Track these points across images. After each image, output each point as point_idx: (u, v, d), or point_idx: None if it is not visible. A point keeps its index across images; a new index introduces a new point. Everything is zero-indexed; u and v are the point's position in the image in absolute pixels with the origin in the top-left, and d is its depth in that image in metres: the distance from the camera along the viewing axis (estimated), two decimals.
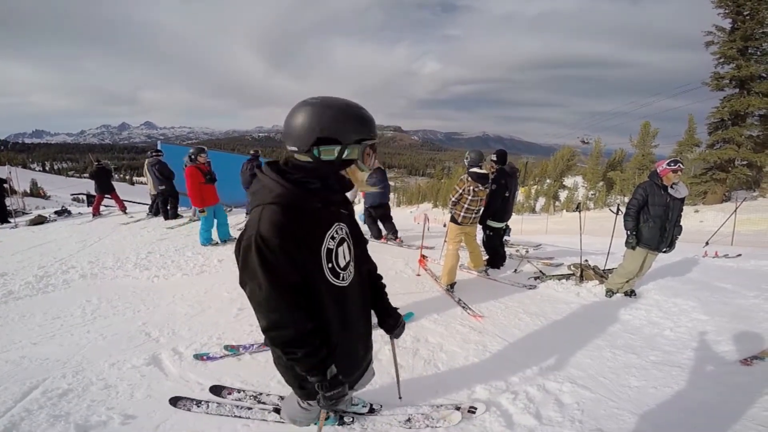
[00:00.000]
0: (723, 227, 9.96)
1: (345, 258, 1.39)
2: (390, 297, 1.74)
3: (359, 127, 1.24)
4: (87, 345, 3.02)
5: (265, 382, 2.49)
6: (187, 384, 2.47)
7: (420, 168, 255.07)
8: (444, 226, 6.23)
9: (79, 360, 2.77)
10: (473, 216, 4.31)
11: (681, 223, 3.90)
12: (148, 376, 2.56)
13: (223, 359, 2.78)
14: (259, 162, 7.77)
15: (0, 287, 4.34)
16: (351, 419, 2.09)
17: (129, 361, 2.71)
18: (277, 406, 2.17)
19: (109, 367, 2.65)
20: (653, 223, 3.80)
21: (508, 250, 5.68)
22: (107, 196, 9.23)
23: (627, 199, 5.09)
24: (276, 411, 2.12)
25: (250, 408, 2.19)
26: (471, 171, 4.16)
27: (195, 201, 6.03)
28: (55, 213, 9.42)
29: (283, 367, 1.45)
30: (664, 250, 3.93)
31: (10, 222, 8.49)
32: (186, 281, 4.64)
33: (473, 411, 2.18)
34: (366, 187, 1.42)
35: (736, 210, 10.25)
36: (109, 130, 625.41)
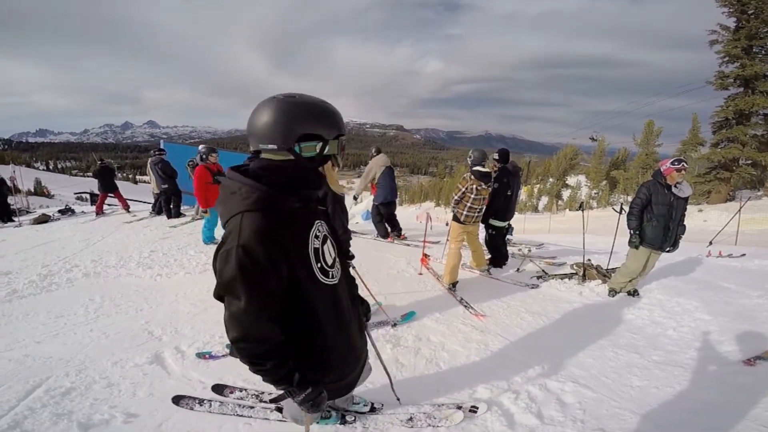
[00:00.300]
0: (727, 227, 9.90)
1: (331, 255, 1.37)
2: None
3: (338, 123, 1.24)
4: (90, 343, 3.04)
5: (261, 379, 2.49)
6: (190, 383, 2.48)
7: (422, 167, 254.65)
8: (446, 224, 6.22)
9: (82, 358, 2.78)
10: (476, 215, 4.30)
11: (685, 223, 3.88)
12: (150, 374, 2.58)
13: (225, 358, 2.79)
14: None
15: (4, 286, 4.38)
16: (353, 418, 2.09)
17: (132, 360, 2.73)
18: (280, 405, 2.18)
19: (112, 366, 2.66)
20: (657, 223, 3.78)
21: (510, 249, 5.67)
22: (110, 194, 9.27)
23: (630, 199, 5.06)
24: (278, 410, 2.13)
25: (252, 407, 2.19)
26: (474, 169, 4.15)
27: (201, 201, 6.04)
28: (59, 212, 9.48)
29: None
30: (667, 249, 3.90)
31: (14, 221, 8.54)
32: (189, 280, 4.65)
33: (474, 410, 2.17)
34: (337, 185, 1.39)
35: (740, 209, 10.18)
36: (113, 129, 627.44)
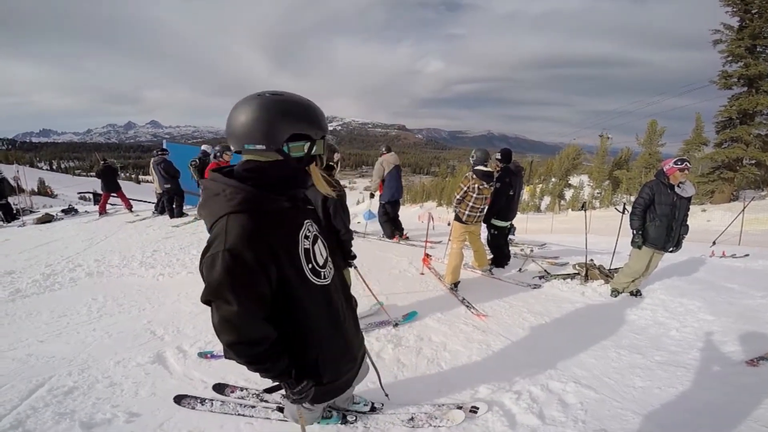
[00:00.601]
0: (731, 227, 9.85)
1: (322, 255, 1.37)
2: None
3: (323, 122, 1.23)
4: (93, 343, 3.06)
5: (268, 380, 2.49)
6: (191, 382, 2.49)
7: (424, 166, 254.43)
8: (448, 224, 6.21)
9: (85, 358, 2.80)
10: (477, 214, 4.30)
11: (688, 223, 3.86)
12: (152, 374, 2.59)
13: None
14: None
15: (8, 285, 4.40)
16: (354, 418, 2.09)
17: (134, 359, 2.74)
18: (280, 404, 2.18)
19: (115, 365, 2.67)
20: (660, 223, 3.77)
21: (512, 249, 5.66)
22: (113, 194, 9.31)
23: (633, 198, 5.06)
24: (279, 410, 2.13)
25: (253, 406, 2.20)
26: (476, 169, 4.15)
27: None
28: (62, 211, 9.51)
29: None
30: (670, 249, 3.88)
31: (17, 219, 8.58)
32: (191, 279, 4.66)
33: (475, 411, 2.17)
34: (323, 186, 1.33)
35: (744, 209, 10.14)
36: (115, 129, 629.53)
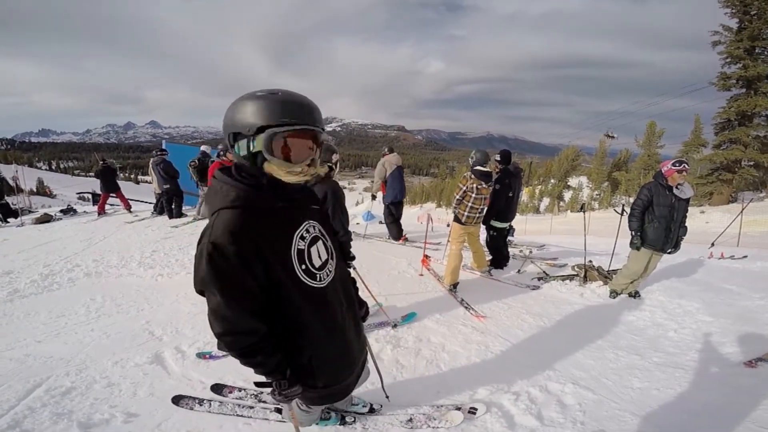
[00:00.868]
0: (729, 228, 9.88)
1: (320, 257, 1.32)
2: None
3: (258, 113, 1.08)
4: (91, 343, 3.05)
5: (261, 379, 2.50)
6: (190, 382, 2.48)
7: (424, 168, 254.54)
8: (447, 225, 6.21)
9: (83, 358, 2.79)
10: (477, 216, 4.30)
11: (686, 224, 3.86)
12: (150, 374, 2.58)
13: (226, 358, 2.78)
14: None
15: (6, 285, 4.39)
16: (353, 419, 2.09)
17: (132, 360, 2.73)
18: (278, 405, 2.18)
19: (113, 366, 2.67)
20: (658, 224, 3.77)
21: (511, 250, 5.66)
22: (112, 194, 9.30)
23: (632, 200, 5.09)
24: (277, 411, 2.13)
25: (251, 407, 2.19)
26: (474, 169, 4.15)
27: None
28: (61, 211, 9.51)
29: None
30: (668, 251, 3.89)
31: (16, 218, 8.57)
32: (190, 280, 4.61)
33: (473, 412, 2.17)
34: (290, 177, 1.16)
35: (742, 211, 10.16)
36: (115, 129, 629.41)
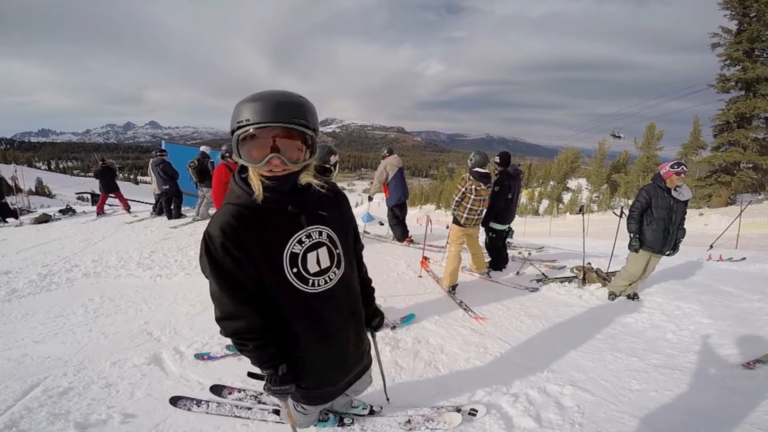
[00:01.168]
0: (728, 230, 9.90)
1: (319, 264, 1.30)
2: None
3: (234, 117, 1.11)
4: (89, 343, 3.04)
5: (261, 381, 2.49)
6: (188, 383, 2.48)
7: (423, 169, 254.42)
8: (447, 227, 6.21)
9: (81, 358, 2.78)
10: (476, 217, 4.30)
11: (685, 226, 3.87)
12: (148, 375, 2.57)
13: (224, 359, 2.79)
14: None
15: (4, 285, 4.38)
16: (351, 420, 2.09)
17: (130, 360, 2.73)
18: (277, 406, 2.17)
19: (110, 366, 2.66)
20: (656, 226, 3.78)
21: (510, 252, 5.66)
22: (111, 195, 9.29)
23: (631, 202, 5.11)
24: (275, 412, 2.12)
25: (249, 408, 2.19)
26: (473, 170, 4.15)
27: (218, 204, 5.38)
28: (60, 212, 9.49)
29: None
30: (667, 253, 3.90)
31: (15, 219, 8.56)
32: (188, 281, 4.65)
33: (474, 413, 2.17)
34: (255, 183, 1.18)
35: (741, 213, 10.19)
36: (114, 129, 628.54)
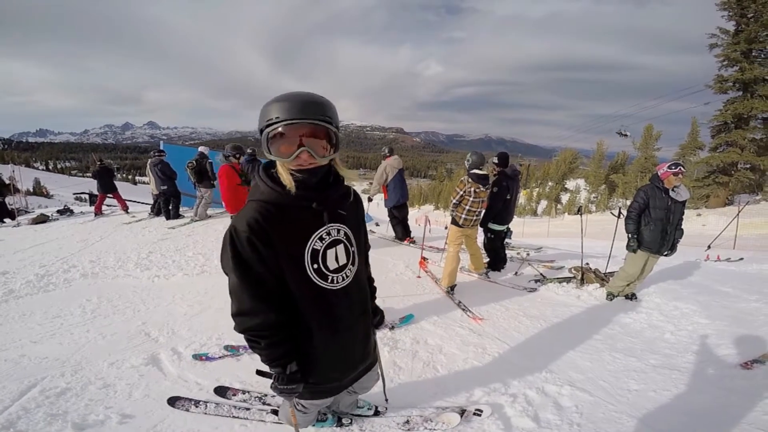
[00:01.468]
0: (725, 231, 9.92)
1: (338, 261, 1.35)
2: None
3: (261, 116, 1.17)
4: (86, 344, 3.03)
5: (264, 382, 2.48)
6: (186, 384, 2.48)
7: (422, 170, 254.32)
8: (445, 228, 6.21)
9: (78, 359, 2.78)
10: (474, 218, 4.30)
11: (683, 227, 3.88)
12: (146, 375, 2.57)
13: (222, 359, 2.78)
14: (259, 162, 7.79)
15: (1, 286, 4.37)
16: (349, 421, 2.09)
17: (128, 361, 2.72)
18: (275, 407, 2.17)
19: (108, 367, 2.65)
20: (654, 227, 3.79)
21: (509, 252, 5.67)
22: (109, 195, 9.26)
23: (629, 202, 5.13)
24: (274, 412, 2.12)
25: (248, 409, 2.19)
26: (471, 172, 4.15)
27: (230, 206, 5.28)
28: (58, 212, 9.47)
29: None
30: (665, 253, 3.90)
31: (13, 219, 8.53)
32: (186, 281, 4.64)
33: (479, 413, 2.17)
34: (286, 178, 1.22)
35: (738, 213, 10.21)
36: (113, 129, 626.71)
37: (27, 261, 5.44)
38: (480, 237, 5.06)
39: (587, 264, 4.86)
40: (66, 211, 9.53)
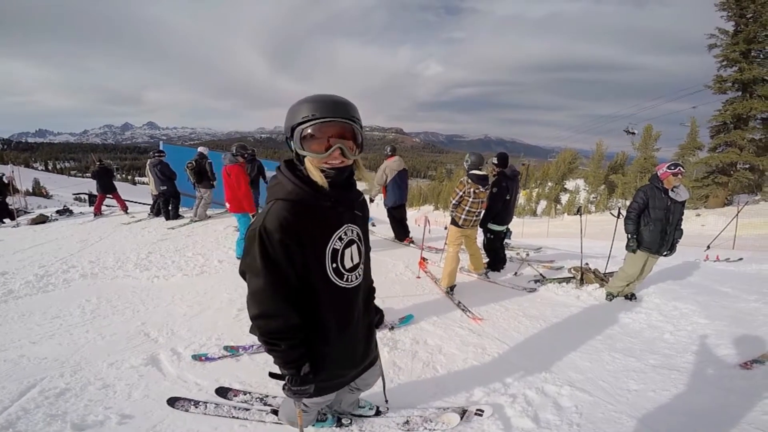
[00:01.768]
0: (725, 231, 9.93)
1: (353, 260, 1.38)
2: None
3: (293, 114, 1.20)
4: (86, 344, 3.03)
5: (264, 382, 2.49)
6: (185, 384, 2.48)
7: (421, 170, 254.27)
8: (445, 228, 6.21)
9: (78, 359, 2.77)
10: (474, 219, 4.30)
11: (682, 227, 3.88)
12: (146, 376, 2.57)
13: (222, 360, 2.78)
14: (259, 163, 7.76)
15: (0, 286, 4.36)
16: (349, 421, 2.08)
17: (127, 361, 2.72)
18: (275, 407, 2.17)
19: (108, 367, 2.65)
20: (654, 227, 3.79)
21: (508, 253, 5.67)
22: (109, 195, 9.25)
23: (628, 203, 5.14)
24: (273, 413, 2.12)
25: (247, 409, 2.18)
26: (471, 173, 4.15)
27: (249, 204, 5.11)
28: (57, 212, 9.45)
29: None
30: (664, 253, 3.91)
31: (12, 220, 8.52)
32: (186, 282, 4.64)
33: (480, 413, 2.17)
34: (317, 175, 1.20)
35: (737, 214, 10.22)
36: (112, 130, 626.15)
37: (26, 261, 5.43)
38: (479, 237, 5.06)
39: (587, 264, 4.86)
40: (65, 212, 9.52)
